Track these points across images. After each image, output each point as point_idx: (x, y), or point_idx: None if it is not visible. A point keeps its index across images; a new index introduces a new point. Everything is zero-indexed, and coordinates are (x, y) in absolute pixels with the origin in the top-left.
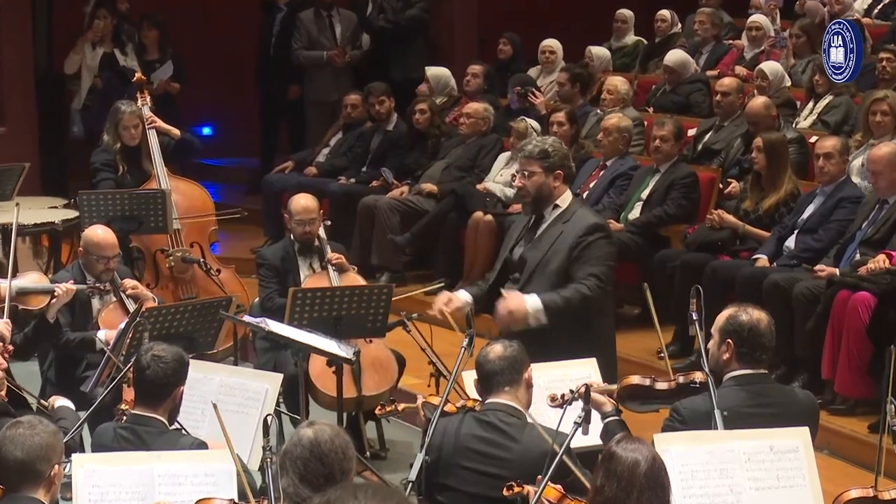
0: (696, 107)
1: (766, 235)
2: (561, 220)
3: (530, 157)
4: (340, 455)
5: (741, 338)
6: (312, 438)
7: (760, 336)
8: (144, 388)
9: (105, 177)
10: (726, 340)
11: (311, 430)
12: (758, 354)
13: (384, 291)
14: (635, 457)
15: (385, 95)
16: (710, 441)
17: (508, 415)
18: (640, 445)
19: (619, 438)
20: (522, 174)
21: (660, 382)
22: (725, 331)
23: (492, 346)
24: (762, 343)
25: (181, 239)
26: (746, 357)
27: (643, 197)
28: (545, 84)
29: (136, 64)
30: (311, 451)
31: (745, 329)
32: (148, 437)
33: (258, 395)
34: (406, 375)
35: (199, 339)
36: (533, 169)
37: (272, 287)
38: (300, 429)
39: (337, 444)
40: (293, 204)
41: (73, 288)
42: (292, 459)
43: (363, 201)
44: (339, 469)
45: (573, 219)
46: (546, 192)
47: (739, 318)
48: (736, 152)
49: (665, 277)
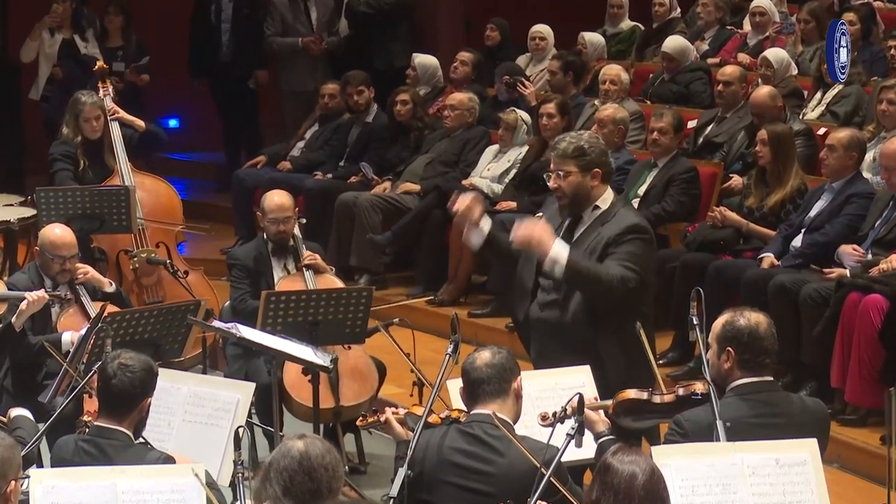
0: (696, 97)
1: (772, 234)
2: (601, 221)
3: (565, 155)
4: (330, 472)
5: (741, 344)
6: (303, 451)
7: (761, 340)
8: (109, 399)
9: (62, 167)
10: (726, 349)
11: (301, 443)
12: (761, 359)
13: (363, 295)
14: (632, 469)
15: (364, 85)
16: (712, 454)
17: (494, 427)
18: (638, 457)
19: (614, 450)
20: (557, 174)
21: (657, 395)
22: (724, 338)
23: (479, 352)
24: (764, 347)
25: (146, 239)
26: (749, 364)
27: (640, 193)
28: (535, 73)
29: (98, 51)
30: (299, 464)
31: (745, 334)
32: (112, 451)
33: (229, 405)
34: (387, 384)
35: (165, 345)
36: (568, 168)
37: (244, 288)
38: (289, 440)
39: (328, 460)
40: (266, 201)
41: (45, 297)
42: (278, 470)
43: (341, 198)
44: (326, 486)
45: (614, 219)
46: (584, 193)
47: (737, 324)
48: (739, 146)
49: (664, 279)
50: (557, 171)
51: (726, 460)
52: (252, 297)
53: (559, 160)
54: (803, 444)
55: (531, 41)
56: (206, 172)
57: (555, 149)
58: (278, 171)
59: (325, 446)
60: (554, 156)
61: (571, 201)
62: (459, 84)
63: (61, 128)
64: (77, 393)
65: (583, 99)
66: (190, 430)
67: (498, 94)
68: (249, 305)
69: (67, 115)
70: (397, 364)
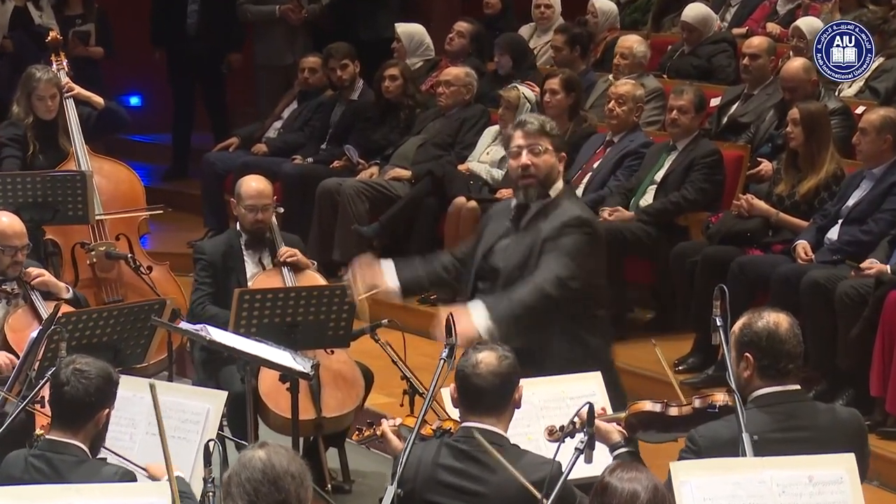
0: (720, 72)
1: (804, 225)
2: (548, 211)
3: (540, 131)
4: (298, 481)
5: (759, 349)
6: (265, 459)
7: (781, 343)
8: (62, 409)
9: (9, 154)
10: (744, 355)
11: (262, 451)
12: (782, 365)
13: (348, 293)
14: (633, 487)
15: (348, 58)
16: (738, 470)
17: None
18: (639, 474)
19: (613, 467)
20: (532, 150)
21: (674, 407)
22: (741, 343)
23: (482, 353)
24: (785, 351)
25: (105, 230)
26: (770, 371)
27: (657, 179)
28: (540, 45)
29: (54, 21)
30: (263, 474)
31: (763, 337)
32: (63, 468)
33: (197, 416)
34: (374, 393)
35: (126, 350)
36: (545, 145)
37: (206, 290)
38: (248, 450)
39: (294, 468)
40: (243, 186)
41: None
42: (239, 483)
43: (323, 185)
44: (295, 497)
45: (555, 212)
46: (553, 177)
47: (754, 326)
48: (768, 126)
49: (683, 275)
50: (532, 146)
51: (754, 477)
52: (213, 300)
53: (533, 135)
54: (839, 459)
55: (535, 9)
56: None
57: (522, 125)
58: (252, 155)
59: (290, 454)
60: (523, 131)
61: (541, 183)
62: (455, 57)
63: (10, 107)
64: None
65: (593, 75)
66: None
67: (498, 69)
68: (209, 312)
69: (19, 92)
70: (386, 370)
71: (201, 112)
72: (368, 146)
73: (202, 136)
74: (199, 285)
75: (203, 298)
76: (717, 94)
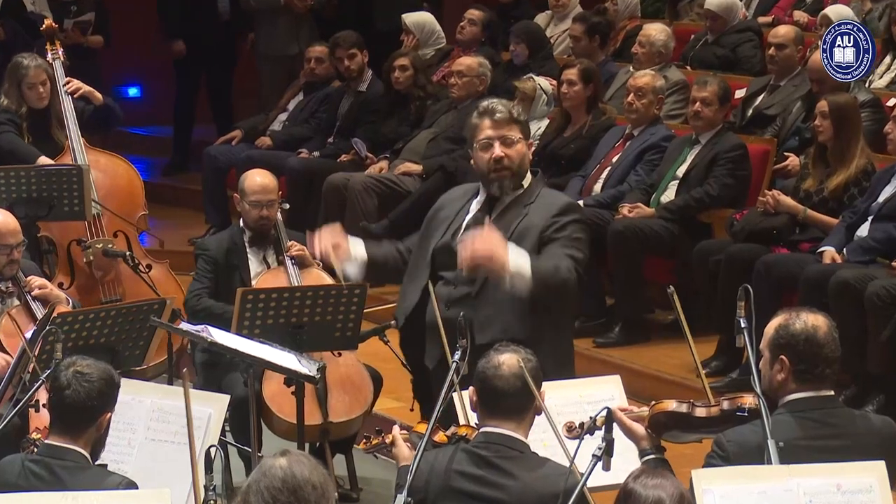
0: (744, 62)
1: (833, 223)
2: (522, 201)
3: (510, 119)
4: (319, 491)
5: (797, 352)
6: (286, 468)
7: (820, 346)
8: (63, 413)
9: (6, 129)
10: (779, 357)
11: (284, 460)
12: (819, 370)
13: (356, 293)
14: (658, 495)
15: (356, 48)
16: (763, 478)
17: (508, 448)
18: (664, 481)
19: (636, 473)
20: (503, 141)
21: (700, 408)
22: (777, 345)
23: (503, 354)
24: (824, 355)
25: (102, 227)
26: (806, 375)
27: (679, 174)
28: (557, 33)
29: (47, 7)
30: (283, 482)
31: (801, 340)
32: (65, 474)
33: (199, 421)
34: (383, 397)
35: (124, 352)
36: (516, 135)
37: (204, 283)
38: (270, 458)
39: (316, 477)
40: (247, 181)
41: None
42: (258, 491)
43: (330, 180)
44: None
45: (539, 200)
46: (525, 167)
47: (792, 328)
48: (795, 119)
49: (706, 275)
50: (502, 137)
51: (780, 486)
52: (210, 295)
53: (504, 125)
54: (869, 467)
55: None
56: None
57: (490, 112)
58: (256, 149)
59: (312, 463)
60: (492, 121)
61: (515, 175)
62: (467, 46)
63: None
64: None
65: (613, 65)
66: (153, 450)
67: (513, 58)
68: (202, 304)
69: (7, 82)
70: (395, 373)
71: (202, 104)
72: (377, 140)
73: (204, 129)
74: (199, 278)
75: (200, 291)
76: (741, 86)
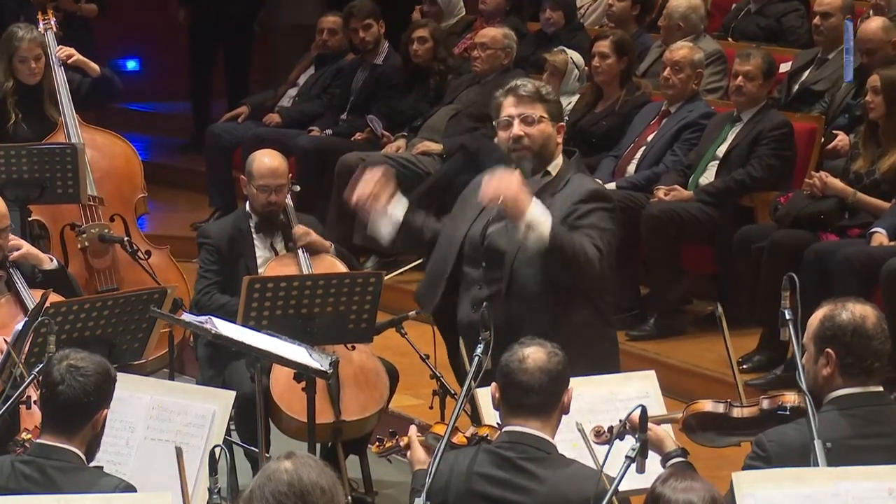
0: (790, 34)
1: (885, 206)
2: (549, 190)
3: (534, 96)
4: (328, 496)
5: (844, 345)
6: (292, 471)
7: (869, 339)
8: (56, 410)
9: None
10: (825, 350)
11: (289, 462)
12: (868, 364)
13: (371, 282)
14: (688, 498)
15: (372, 18)
16: (809, 481)
17: (534, 449)
18: (694, 483)
19: (665, 476)
20: (524, 119)
21: (738, 408)
22: (822, 338)
23: (528, 347)
24: (872, 348)
25: (98, 210)
26: (853, 369)
27: (719, 154)
28: (587, 3)
29: None
30: (289, 487)
31: (848, 332)
32: (58, 476)
33: (202, 419)
34: (400, 394)
35: (122, 345)
36: (539, 113)
37: (211, 278)
38: (275, 461)
39: (323, 482)
40: (255, 164)
41: None
42: (262, 497)
43: (343, 160)
44: None
45: (567, 186)
46: (550, 150)
47: (838, 319)
48: (844, 94)
49: (749, 263)
50: (523, 115)
51: (827, 490)
52: (220, 289)
53: (527, 102)
54: None
55: None
56: (173, 127)
57: (514, 91)
58: (264, 126)
59: (320, 465)
60: (515, 97)
61: (536, 156)
62: (491, 17)
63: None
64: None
65: (647, 37)
66: (153, 450)
67: (543, 28)
68: (216, 301)
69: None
70: (413, 368)
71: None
72: (394, 117)
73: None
74: (205, 273)
75: (209, 287)
76: (787, 59)
